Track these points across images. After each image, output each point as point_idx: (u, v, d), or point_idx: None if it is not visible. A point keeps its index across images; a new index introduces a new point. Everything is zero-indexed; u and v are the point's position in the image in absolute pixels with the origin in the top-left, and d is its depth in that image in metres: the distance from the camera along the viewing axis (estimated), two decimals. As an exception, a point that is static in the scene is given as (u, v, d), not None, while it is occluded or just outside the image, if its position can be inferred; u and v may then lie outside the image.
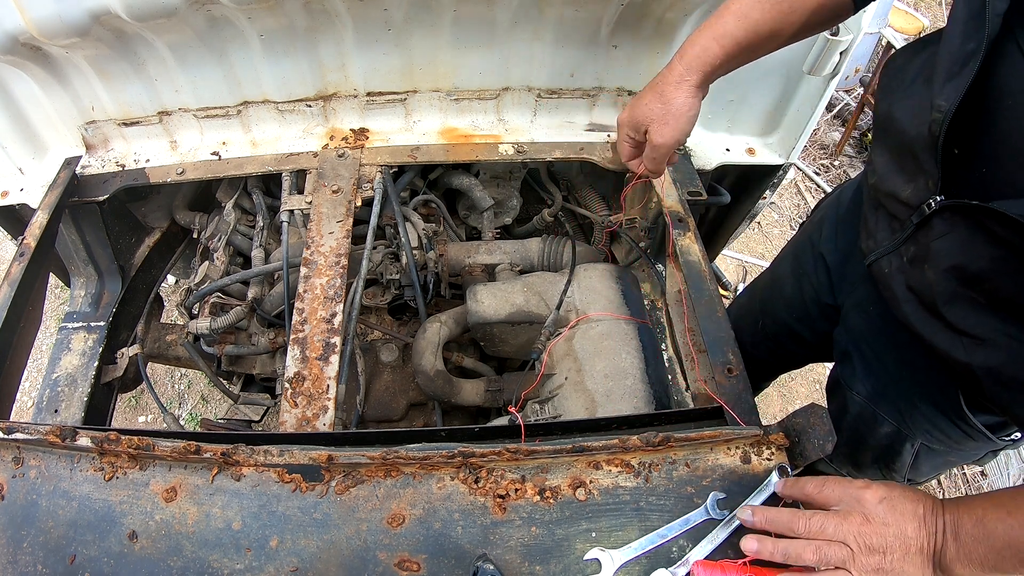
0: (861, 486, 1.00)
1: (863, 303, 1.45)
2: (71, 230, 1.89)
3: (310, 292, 1.50)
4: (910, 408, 1.39)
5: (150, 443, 1.08)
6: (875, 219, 1.26)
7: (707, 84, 1.31)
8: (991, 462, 1.84)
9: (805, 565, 0.96)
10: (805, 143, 1.91)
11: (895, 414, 1.42)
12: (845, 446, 1.58)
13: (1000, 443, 1.35)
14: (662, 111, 1.30)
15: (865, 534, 0.95)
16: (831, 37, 1.59)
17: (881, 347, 1.42)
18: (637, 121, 1.35)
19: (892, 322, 1.30)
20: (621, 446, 1.10)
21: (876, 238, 1.26)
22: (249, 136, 1.90)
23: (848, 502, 0.99)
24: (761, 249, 3.88)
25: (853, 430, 1.53)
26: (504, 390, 1.81)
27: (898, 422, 1.42)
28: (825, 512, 1.00)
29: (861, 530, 0.96)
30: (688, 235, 1.58)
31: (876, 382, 1.45)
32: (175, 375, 3.22)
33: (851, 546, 0.95)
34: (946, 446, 1.40)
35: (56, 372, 1.84)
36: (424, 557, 1.04)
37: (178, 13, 1.50)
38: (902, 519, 0.96)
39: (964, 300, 1.05)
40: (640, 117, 1.34)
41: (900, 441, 1.46)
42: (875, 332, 1.43)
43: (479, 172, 2.12)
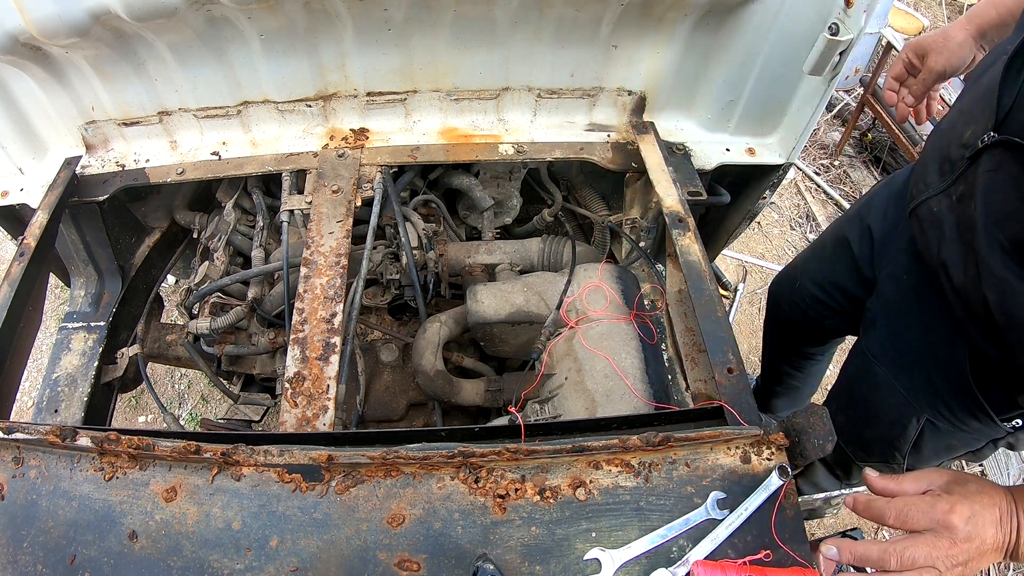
0: (946, 510, 1.01)
1: (898, 273, 1.56)
2: (71, 230, 1.89)
3: (310, 292, 1.50)
4: (923, 380, 1.45)
5: (150, 443, 1.08)
6: (930, 166, 1.35)
7: (981, 38, 1.50)
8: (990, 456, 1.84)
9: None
10: (805, 143, 1.91)
11: (909, 385, 1.49)
12: (857, 419, 1.64)
13: (1000, 429, 1.38)
14: (942, 43, 1.51)
15: (953, 555, 0.99)
16: (831, 37, 1.59)
17: (908, 316, 1.50)
18: (921, 46, 1.55)
19: (923, 291, 1.41)
20: (621, 446, 1.10)
21: (927, 181, 1.34)
22: (249, 136, 1.90)
23: (936, 528, 1.00)
24: (761, 249, 3.88)
25: (867, 400, 1.61)
26: (504, 390, 1.81)
27: (909, 392, 1.49)
28: (913, 540, 1.01)
29: (949, 553, 0.99)
30: (688, 235, 1.57)
31: (897, 352, 1.52)
32: (175, 375, 3.22)
33: (939, 567, 0.98)
34: (950, 424, 1.44)
35: (56, 372, 1.84)
36: (424, 557, 1.04)
37: (178, 13, 1.50)
38: (984, 529, 1.00)
39: (992, 239, 1.11)
40: (925, 43, 1.55)
41: (908, 415, 1.51)
42: (905, 302, 1.51)
43: (479, 172, 2.12)
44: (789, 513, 1.08)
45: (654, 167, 1.77)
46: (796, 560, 1.05)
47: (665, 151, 1.84)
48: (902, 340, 1.52)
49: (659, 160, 1.79)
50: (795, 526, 1.08)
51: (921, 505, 1.03)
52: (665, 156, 1.81)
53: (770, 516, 1.07)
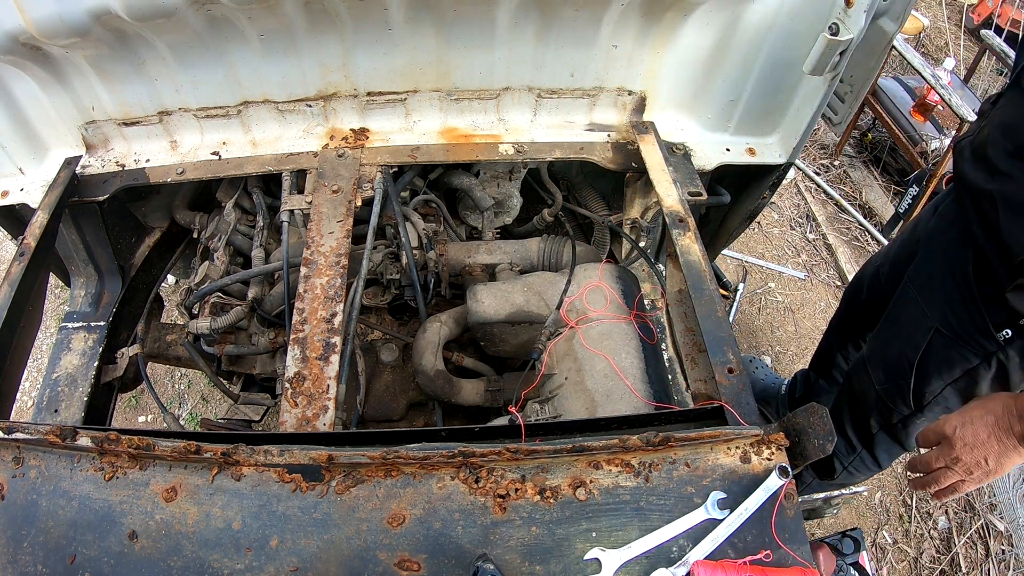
0: (941, 424, 1.38)
1: (940, 204, 1.84)
2: (71, 230, 1.89)
3: (310, 292, 1.50)
4: (939, 288, 1.68)
5: (150, 443, 1.08)
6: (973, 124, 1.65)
7: None
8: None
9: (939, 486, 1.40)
10: (805, 143, 1.91)
11: (929, 297, 1.71)
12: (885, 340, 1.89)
13: (992, 341, 1.57)
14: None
15: (959, 458, 1.34)
16: (831, 37, 1.59)
17: (938, 239, 1.76)
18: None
19: (951, 217, 1.70)
20: (621, 446, 1.10)
21: (969, 131, 1.63)
22: (249, 136, 1.90)
23: (940, 441, 1.38)
24: (761, 249, 3.88)
25: (897, 320, 1.85)
26: (504, 390, 1.81)
27: (928, 304, 1.70)
28: (929, 452, 1.41)
29: (953, 456, 1.34)
30: (688, 235, 1.57)
31: (925, 271, 1.77)
32: (175, 375, 3.22)
33: (956, 469, 1.35)
34: (953, 332, 1.64)
35: (56, 372, 1.84)
36: (424, 557, 1.04)
37: (178, 13, 1.50)
38: (976, 432, 1.31)
39: (1000, 146, 1.43)
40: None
41: (923, 326, 1.71)
42: (938, 229, 1.78)
43: (479, 172, 2.12)
44: (789, 513, 1.08)
45: (654, 167, 1.77)
46: (796, 560, 1.05)
47: (665, 151, 1.84)
48: (931, 261, 1.75)
49: (659, 160, 1.79)
50: (795, 526, 1.08)
51: (930, 427, 1.39)
52: (665, 156, 1.81)
53: (770, 516, 1.07)
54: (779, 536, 1.06)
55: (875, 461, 2.10)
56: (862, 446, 2.07)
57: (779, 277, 3.73)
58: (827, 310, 3.57)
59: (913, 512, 2.89)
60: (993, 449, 1.31)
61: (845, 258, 3.80)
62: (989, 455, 1.32)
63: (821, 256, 3.88)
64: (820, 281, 3.75)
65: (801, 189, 4.22)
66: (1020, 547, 2.73)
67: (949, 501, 1.49)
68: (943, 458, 1.37)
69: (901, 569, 2.75)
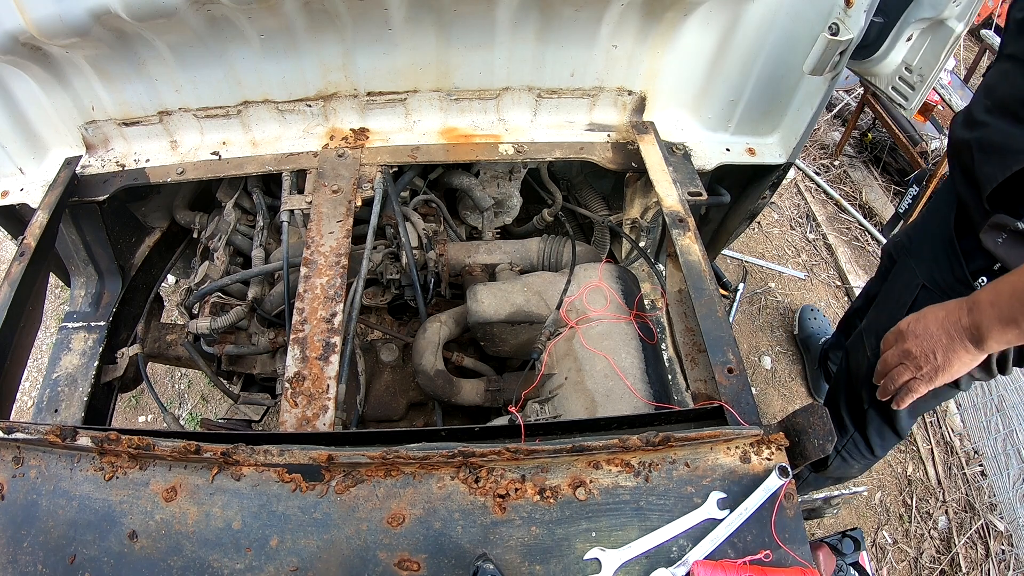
0: (898, 323, 1.44)
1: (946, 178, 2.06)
2: (71, 230, 1.89)
3: (310, 292, 1.50)
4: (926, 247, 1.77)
5: (150, 443, 1.08)
6: None
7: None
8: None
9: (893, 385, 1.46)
10: (805, 143, 1.91)
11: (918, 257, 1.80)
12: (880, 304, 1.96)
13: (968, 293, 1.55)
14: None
15: (911, 351, 1.38)
16: (831, 37, 1.59)
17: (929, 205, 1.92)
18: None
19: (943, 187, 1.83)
20: (621, 446, 1.10)
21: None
22: (249, 136, 1.90)
23: (895, 338, 1.45)
24: (761, 249, 3.88)
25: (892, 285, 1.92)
26: (504, 390, 1.81)
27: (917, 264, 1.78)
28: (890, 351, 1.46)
29: (905, 349, 1.40)
30: (688, 235, 1.58)
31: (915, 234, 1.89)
32: (175, 375, 3.22)
33: (908, 363, 1.40)
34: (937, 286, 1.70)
35: (56, 372, 1.84)
36: (424, 557, 1.04)
37: (178, 13, 1.50)
38: (927, 325, 1.35)
39: (981, 104, 1.52)
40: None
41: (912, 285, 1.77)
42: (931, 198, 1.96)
43: (479, 172, 2.12)
44: (789, 513, 1.08)
45: (654, 167, 1.77)
46: (796, 560, 1.05)
47: (665, 151, 1.84)
48: (924, 230, 1.85)
49: (659, 160, 1.79)
50: (795, 526, 1.08)
51: (890, 329, 1.46)
52: (665, 156, 1.81)
53: (770, 516, 1.07)
54: (779, 536, 1.06)
55: (867, 446, 2.10)
56: (854, 426, 2.08)
57: (779, 277, 3.73)
58: (827, 310, 3.57)
59: (913, 512, 2.89)
60: (941, 342, 1.33)
61: (845, 258, 3.80)
62: (937, 348, 1.33)
63: (821, 256, 3.88)
64: (820, 281, 3.75)
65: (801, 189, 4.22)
66: (1020, 547, 2.73)
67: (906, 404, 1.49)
68: (897, 354, 1.42)
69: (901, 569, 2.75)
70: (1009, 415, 2.90)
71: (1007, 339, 1.24)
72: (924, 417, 3.15)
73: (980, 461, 3.02)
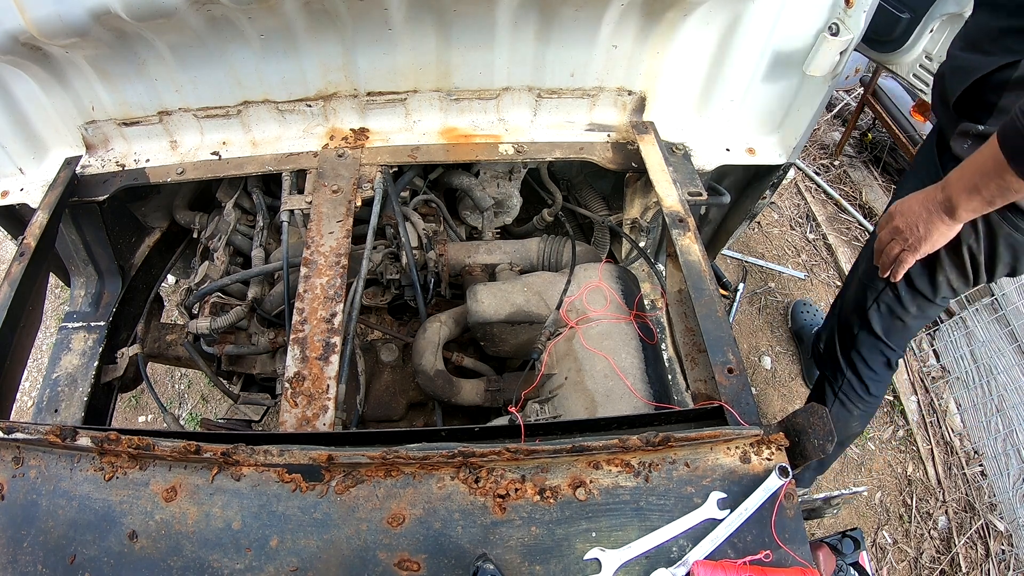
0: (888, 208, 1.71)
1: None
2: (71, 230, 1.89)
3: (310, 292, 1.50)
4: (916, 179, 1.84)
5: (150, 443, 1.08)
6: None
7: None
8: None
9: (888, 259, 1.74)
10: (805, 143, 1.91)
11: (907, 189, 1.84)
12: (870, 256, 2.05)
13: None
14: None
15: (898, 227, 1.65)
16: (831, 37, 1.59)
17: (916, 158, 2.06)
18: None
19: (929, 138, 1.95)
20: (621, 446, 1.10)
21: None
22: (249, 136, 1.90)
23: (887, 219, 1.70)
24: (761, 249, 3.88)
25: None
26: (504, 390, 1.81)
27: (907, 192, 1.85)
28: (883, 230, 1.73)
29: (894, 226, 1.66)
30: (688, 235, 1.58)
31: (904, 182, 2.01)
32: (175, 375, 3.22)
33: (896, 238, 1.67)
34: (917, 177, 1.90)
35: (56, 372, 1.84)
36: (424, 557, 1.04)
37: (178, 13, 1.50)
38: (910, 204, 1.61)
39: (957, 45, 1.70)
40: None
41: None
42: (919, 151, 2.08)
43: (479, 172, 2.12)
44: (789, 513, 1.08)
45: (654, 167, 1.77)
46: (796, 560, 1.05)
47: (665, 151, 1.84)
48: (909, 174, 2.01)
49: (659, 160, 1.79)
50: (795, 526, 1.08)
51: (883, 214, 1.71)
52: (665, 156, 1.81)
53: (770, 516, 1.07)
54: (779, 536, 1.06)
55: (862, 383, 2.20)
56: (847, 366, 2.21)
57: (779, 277, 3.73)
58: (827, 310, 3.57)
59: (913, 512, 2.89)
60: (922, 216, 1.58)
61: (845, 258, 3.80)
62: (919, 222, 1.59)
63: (821, 256, 3.88)
64: (820, 281, 3.74)
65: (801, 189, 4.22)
66: (1020, 547, 2.73)
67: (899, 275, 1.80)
68: (888, 231, 1.69)
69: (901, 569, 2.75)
70: (1009, 415, 2.90)
71: (972, 207, 1.48)
72: (924, 417, 3.15)
73: (980, 461, 3.02)
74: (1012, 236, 1.73)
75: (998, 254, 1.80)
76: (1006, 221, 1.69)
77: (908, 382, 3.28)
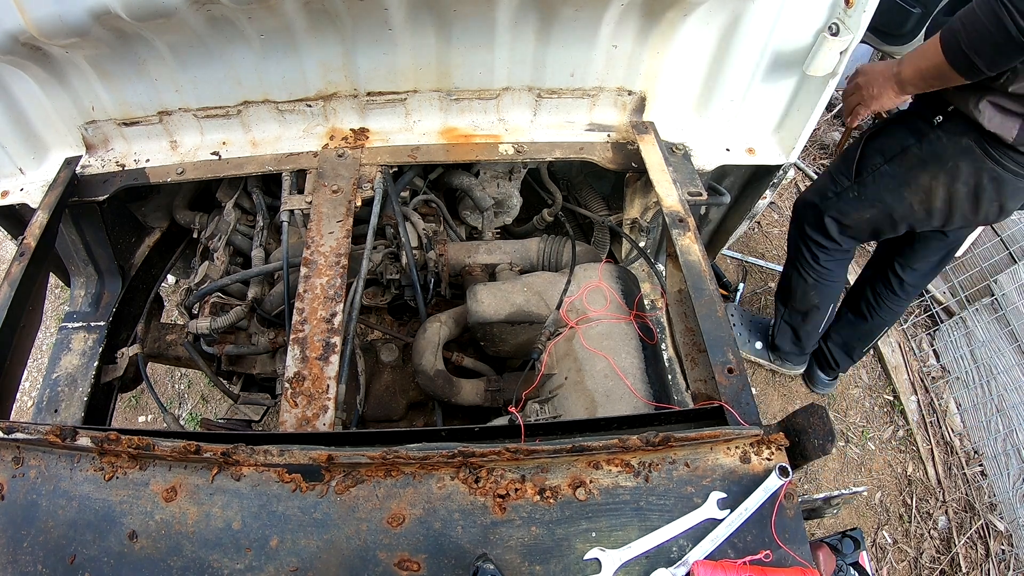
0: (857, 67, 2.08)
1: None
2: (71, 230, 1.89)
3: (310, 292, 1.50)
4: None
5: (150, 443, 1.08)
6: None
7: None
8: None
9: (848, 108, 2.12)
10: (805, 143, 1.91)
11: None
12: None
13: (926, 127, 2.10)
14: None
15: (857, 85, 2.03)
16: (831, 37, 1.59)
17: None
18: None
19: None
20: (621, 446, 1.10)
21: None
22: (249, 136, 1.90)
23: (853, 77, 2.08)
24: (761, 249, 3.88)
25: None
26: (504, 390, 1.81)
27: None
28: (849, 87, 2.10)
29: (855, 83, 2.04)
30: (688, 235, 1.58)
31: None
32: (175, 375, 3.22)
33: (856, 92, 2.03)
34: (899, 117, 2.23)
35: (56, 372, 1.84)
36: (424, 557, 1.04)
37: (178, 13, 1.50)
38: (874, 69, 1.98)
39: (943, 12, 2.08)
40: None
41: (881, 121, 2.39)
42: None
43: (479, 172, 2.12)
44: (789, 513, 1.08)
45: (654, 167, 1.77)
46: (796, 560, 1.05)
47: (665, 151, 1.84)
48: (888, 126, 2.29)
49: (659, 160, 1.79)
50: (795, 526, 1.08)
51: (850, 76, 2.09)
52: (665, 156, 1.81)
53: (770, 516, 1.07)
54: (779, 536, 1.06)
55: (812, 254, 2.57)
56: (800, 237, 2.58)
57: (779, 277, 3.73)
58: (827, 310, 3.57)
59: (913, 512, 2.89)
60: (879, 80, 1.95)
61: (845, 258, 3.80)
62: (875, 84, 1.96)
63: (821, 256, 3.88)
64: (820, 281, 3.74)
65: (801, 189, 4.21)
66: (1020, 547, 2.73)
67: (856, 122, 2.15)
68: (852, 87, 2.06)
69: (901, 569, 2.75)
70: (1009, 415, 2.90)
71: (915, 82, 1.87)
72: (924, 417, 3.15)
73: (980, 461, 3.02)
74: (995, 170, 2.00)
75: (983, 188, 2.05)
76: (988, 155, 1.97)
77: (908, 382, 3.28)
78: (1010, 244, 3.15)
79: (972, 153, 1.99)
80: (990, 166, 1.98)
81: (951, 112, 2.00)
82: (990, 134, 1.91)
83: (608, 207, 2.32)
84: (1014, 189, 2.04)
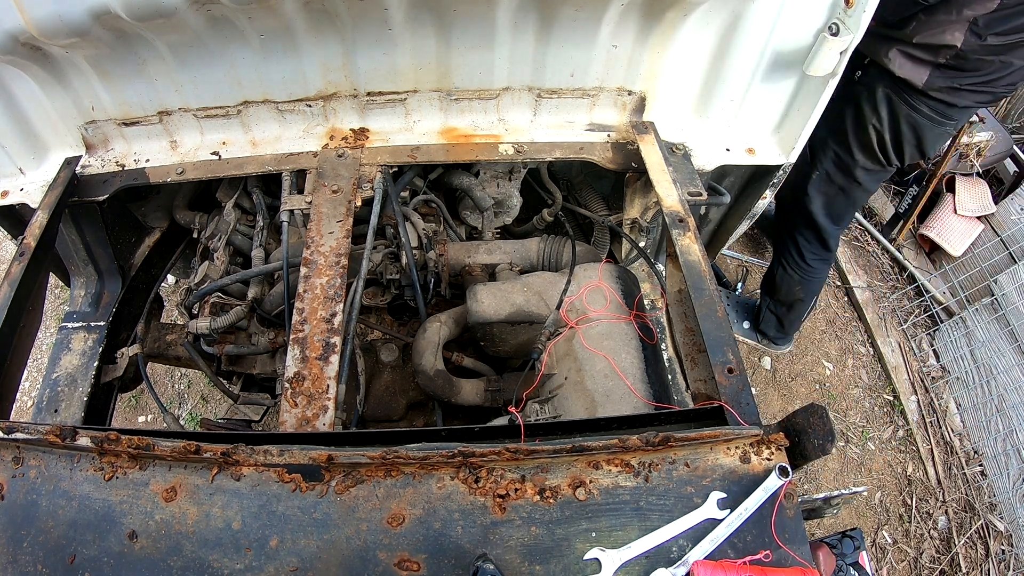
0: None
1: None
2: (71, 230, 1.89)
3: (310, 292, 1.50)
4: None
5: (150, 443, 1.08)
6: None
7: None
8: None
9: None
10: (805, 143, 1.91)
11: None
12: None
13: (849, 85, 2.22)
14: None
15: None
16: (831, 37, 1.59)
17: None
18: None
19: None
20: (621, 446, 1.10)
21: None
22: (249, 136, 1.90)
23: None
24: (761, 249, 3.88)
25: None
26: (504, 390, 1.81)
27: None
28: None
29: None
30: (688, 235, 1.57)
31: None
32: (175, 375, 3.22)
33: None
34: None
35: (56, 372, 1.84)
36: (424, 557, 1.04)
37: (178, 13, 1.50)
38: None
39: None
40: None
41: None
42: None
43: (479, 172, 2.12)
44: (789, 513, 1.08)
45: (654, 167, 1.77)
46: (796, 560, 1.05)
47: (665, 151, 1.84)
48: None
49: (659, 160, 1.79)
50: (795, 526, 1.08)
51: None
52: (665, 156, 1.81)
53: (770, 516, 1.07)
54: (779, 536, 1.06)
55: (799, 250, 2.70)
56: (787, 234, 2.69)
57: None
58: (826, 309, 3.58)
59: (913, 512, 2.89)
60: None
61: (845, 258, 3.80)
62: None
63: (821, 256, 3.88)
64: (820, 281, 3.74)
65: (801, 189, 4.21)
66: (1020, 547, 2.74)
67: None
68: None
69: (901, 569, 2.75)
70: (1009, 415, 2.90)
71: None
72: (924, 417, 3.15)
73: (980, 461, 3.02)
74: (912, 116, 2.06)
75: (902, 133, 2.13)
76: (904, 102, 2.04)
77: (908, 382, 3.28)
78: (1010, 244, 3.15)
79: (890, 101, 2.14)
80: (907, 112, 2.12)
81: (867, 65, 2.17)
82: (903, 81, 2.05)
83: (608, 207, 2.32)
84: (933, 135, 2.19)
